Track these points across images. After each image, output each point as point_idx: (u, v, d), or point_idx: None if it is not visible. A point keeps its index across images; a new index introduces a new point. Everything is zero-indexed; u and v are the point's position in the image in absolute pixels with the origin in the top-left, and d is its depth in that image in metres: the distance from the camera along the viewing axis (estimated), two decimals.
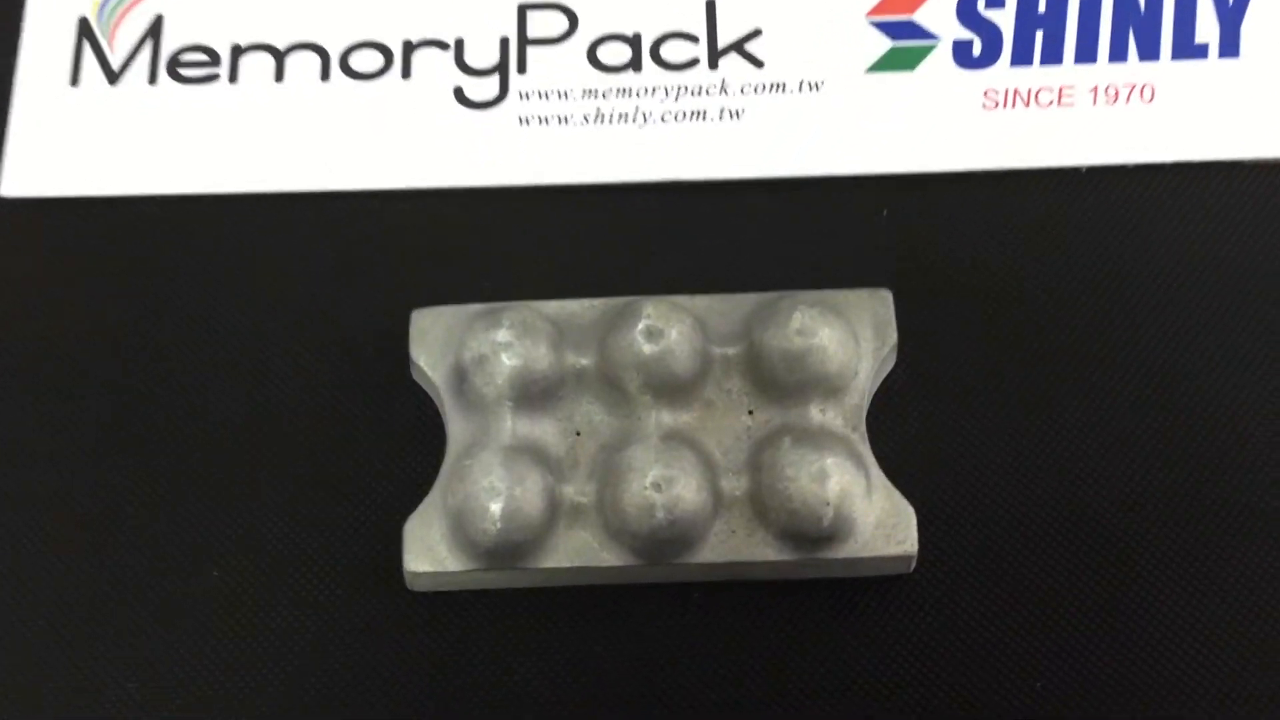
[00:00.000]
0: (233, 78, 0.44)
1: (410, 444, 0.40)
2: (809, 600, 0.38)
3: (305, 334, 0.42)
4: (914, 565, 0.38)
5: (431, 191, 0.43)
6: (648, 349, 0.38)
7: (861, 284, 0.40)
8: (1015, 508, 0.39)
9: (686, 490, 0.37)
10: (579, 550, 0.37)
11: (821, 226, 0.42)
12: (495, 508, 0.36)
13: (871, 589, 0.38)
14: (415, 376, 0.40)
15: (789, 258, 0.42)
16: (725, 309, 0.40)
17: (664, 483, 0.37)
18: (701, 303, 0.40)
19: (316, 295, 0.42)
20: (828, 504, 0.36)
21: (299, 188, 0.43)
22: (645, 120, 0.43)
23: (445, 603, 0.38)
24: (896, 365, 0.41)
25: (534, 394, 0.38)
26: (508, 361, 0.38)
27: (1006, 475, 0.40)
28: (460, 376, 0.39)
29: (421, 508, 0.38)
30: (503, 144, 0.43)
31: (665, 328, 0.38)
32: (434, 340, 0.39)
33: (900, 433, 0.40)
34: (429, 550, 0.37)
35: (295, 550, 0.39)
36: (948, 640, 0.38)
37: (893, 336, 0.39)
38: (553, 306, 0.40)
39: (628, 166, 0.43)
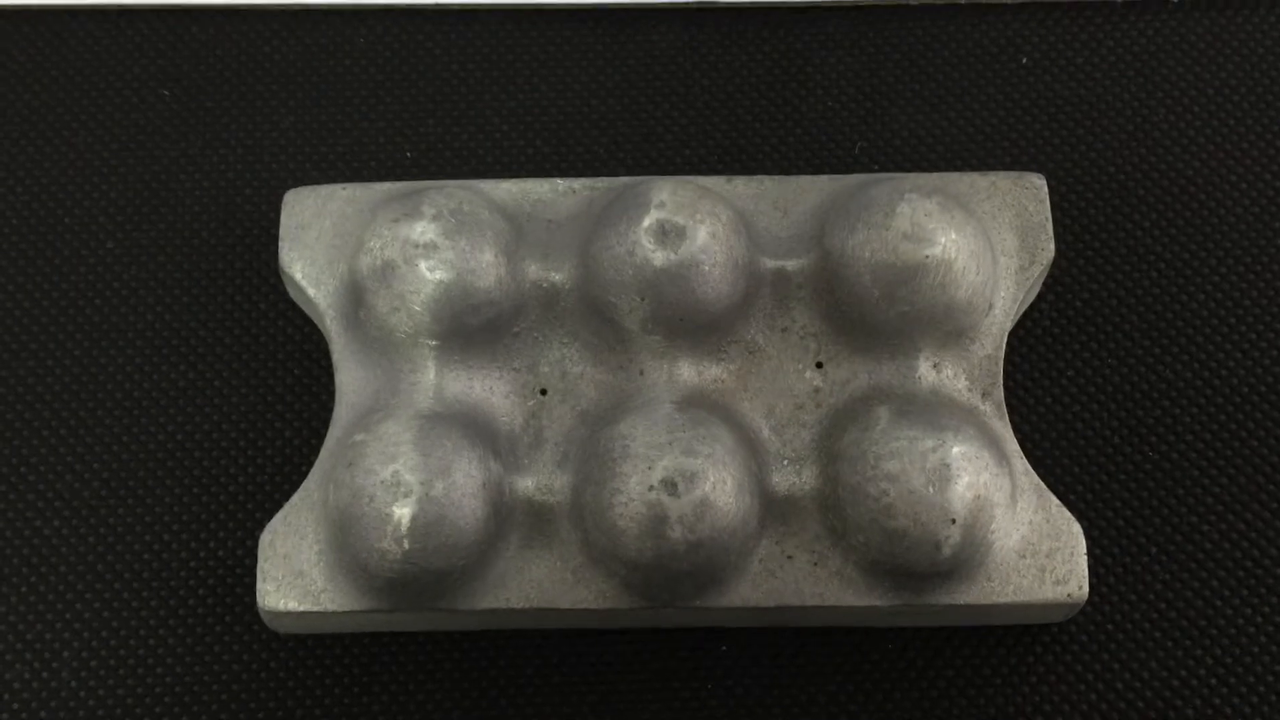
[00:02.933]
0: None
1: (280, 402, 0.26)
2: (907, 657, 0.25)
3: (117, 225, 0.27)
4: (1075, 613, 0.24)
5: (328, 10, 0.28)
6: (659, 259, 0.23)
7: (995, 166, 0.26)
8: (1211, 513, 0.25)
9: (719, 493, 0.22)
10: (540, 585, 0.23)
11: (927, 78, 0.28)
12: (402, 515, 0.22)
13: (1007, 642, 0.25)
14: (292, 294, 0.26)
15: (879, 123, 0.28)
16: (783, 197, 0.25)
17: (681, 480, 0.22)
18: (745, 188, 0.25)
19: (138, 161, 0.28)
20: (953, 522, 0.22)
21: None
22: None
23: (323, 647, 0.25)
24: (1040, 295, 0.27)
25: (472, 329, 0.24)
26: (430, 274, 0.23)
27: (1201, 463, 0.26)
28: (356, 297, 0.24)
29: (286, 510, 0.24)
30: None
31: (688, 224, 0.23)
32: (318, 239, 0.25)
33: (1043, 402, 0.26)
34: (297, 578, 0.23)
35: (100, 564, 0.25)
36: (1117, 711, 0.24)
37: (1048, 249, 0.25)
38: (508, 189, 0.25)
39: None
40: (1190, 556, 0.25)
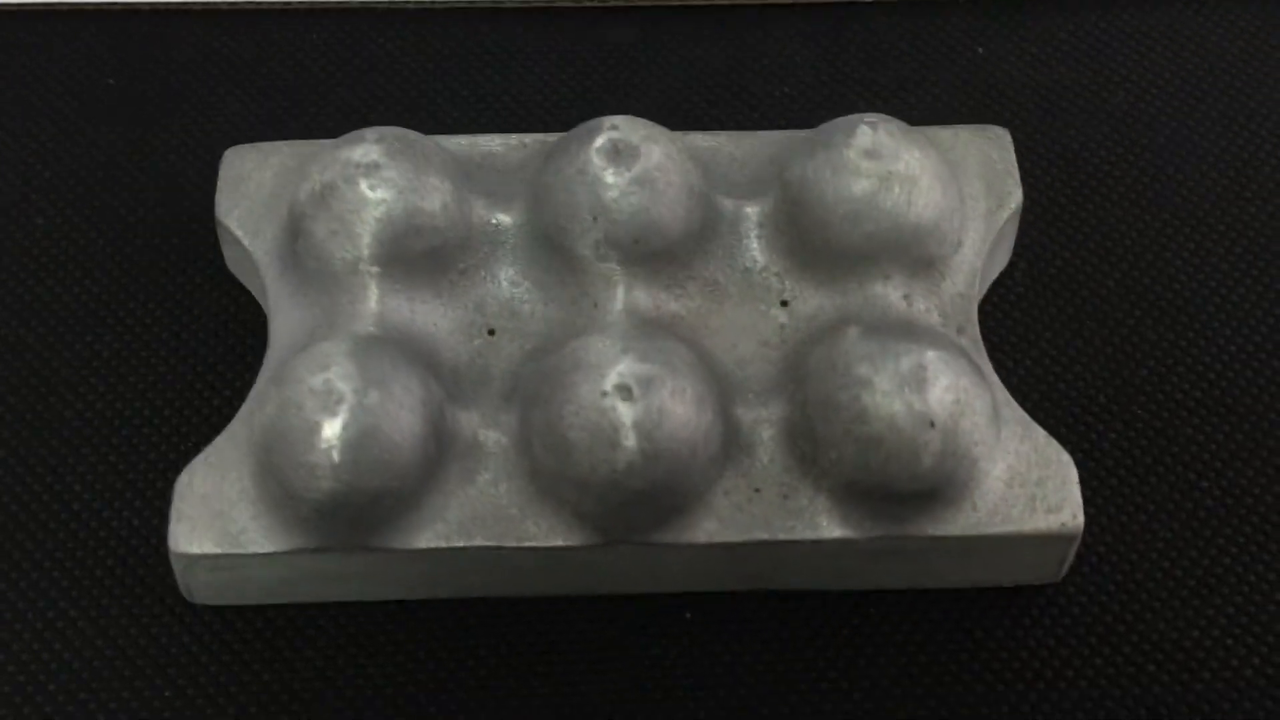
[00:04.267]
0: None
1: (210, 372, 0.24)
2: (890, 623, 0.22)
3: (49, 203, 0.26)
4: (1070, 560, 0.22)
5: (299, 6, 0.29)
6: (612, 177, 0.22)
7: None
8: (1210, 470, 0.24)
9: (677, 401, 0.20)
10: (482, 519, 0.21)
11: (885, 69, 0.28)
12: (333, 425, 0.20)
13: (999, 604, 0.22)
14: (229, 263, 0.25)
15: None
16: (740, 151, 0.25)
17: (638, 384, 0.21)
18: (702, 140, 0.25)
19: (76, 145, 0.27)
20: (931, 425, 0.21)
21: None
22: None
23: (244, 620, 0.22)
24: (1013, 263, 0.26)
25: (416, 256, 0.22)
26: (371, 193, 0.22)
27: (1194, 420, 0.24)
28: (294, 229, 0.23)
29: (207, 451, 0.22)
30: None
31: (641, 145, 0.22)
32: (257, 190, 0.24)
33: (1023, 364, 0.25)
34: (215, 519, 0.21)
35: (8, 539, 0.23)
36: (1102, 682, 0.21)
37: (1016, 194, 0.24)
38: (458, 141, 0.24)
39: None
40: (1191, 515, 0.24)
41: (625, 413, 0.20)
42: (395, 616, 0.23)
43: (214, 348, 0.25)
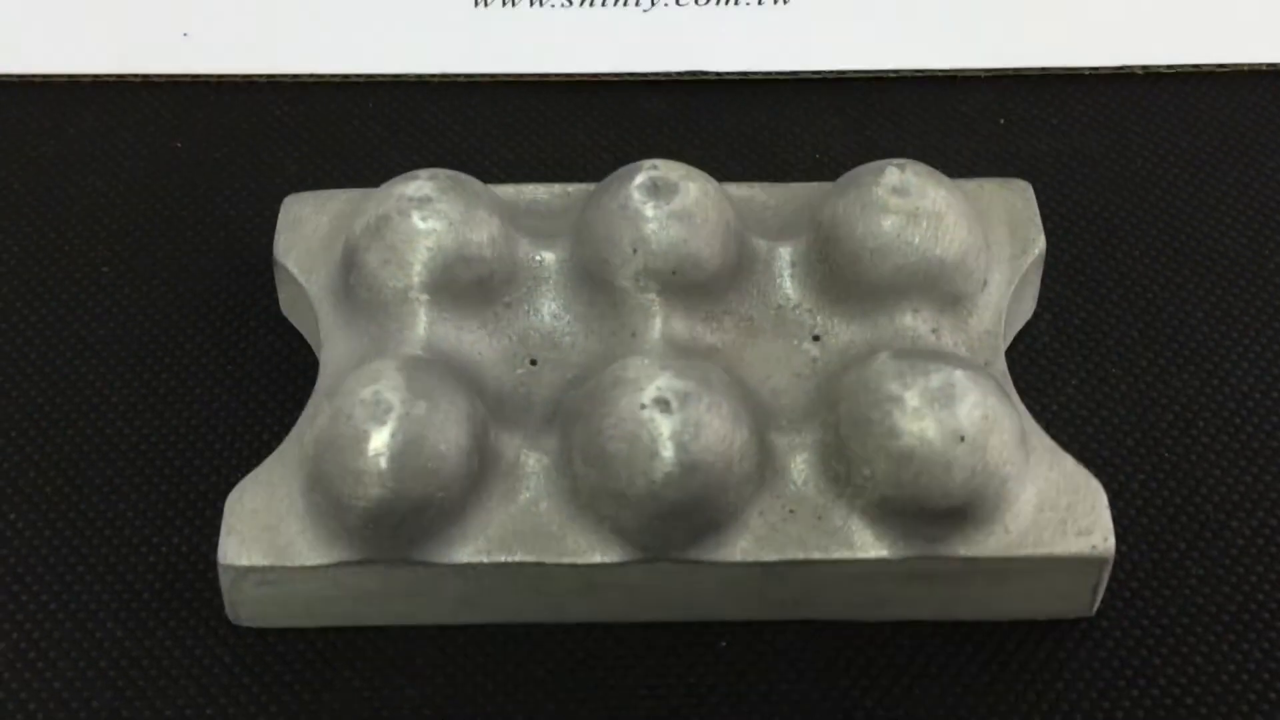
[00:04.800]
0: None
1: (261, 409, 0.25)
2: (924, 654, 0.22)
3: (114, 254, 0.27)
4: (1102, 589, 0.22)
5: (356, 79, 0.30)
6: (652, 210, 0.23)
7: None
8: (1240, 510, 0.24)
9: (714, 415, 0.21)
10: (523, 535, 0.21)
11: (911, 138, 0.29)
12: (380, 435, 0.21)
13: (1034, 637, 0.22)
14: (283, 306, 0.26)
15: None
16: (773, 199, 0.26)
17: (675, 398, 0.21)
18: (736, 190, 0.26)
19: (142, 201, 0.28)
20: (961, 439, 0.21)
21: (150, 70, 0.30)
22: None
23: (285, 642, 0.23)
24: (1038, 314, 0.26)
25: (464, 286, 0.23)
26: (423, 223, 0.23)
27: (1222, 463, 0.24)
28: (348, 262, 0.24)
29: (258, 470, 0.22)
30: (456, 25, 0.31)
31: (680, 181, 0.24)
32: (314, 232, 0.25)
33: (1050, 409, 0.25)
34: (263, 532, 0.22)
35: (60, 563, 0.23)
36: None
37: (1039, 241, 0.25)
38: (505, 189, 0.26)
39: (627, 55, 0.30)
40: (1223, 553, 0.24)
41: (663, 424, 0.21)
42: (435, 641, 0.23)
43: (265, 385, 0.26)
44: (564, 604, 0.22)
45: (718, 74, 0.30)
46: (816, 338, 0.24)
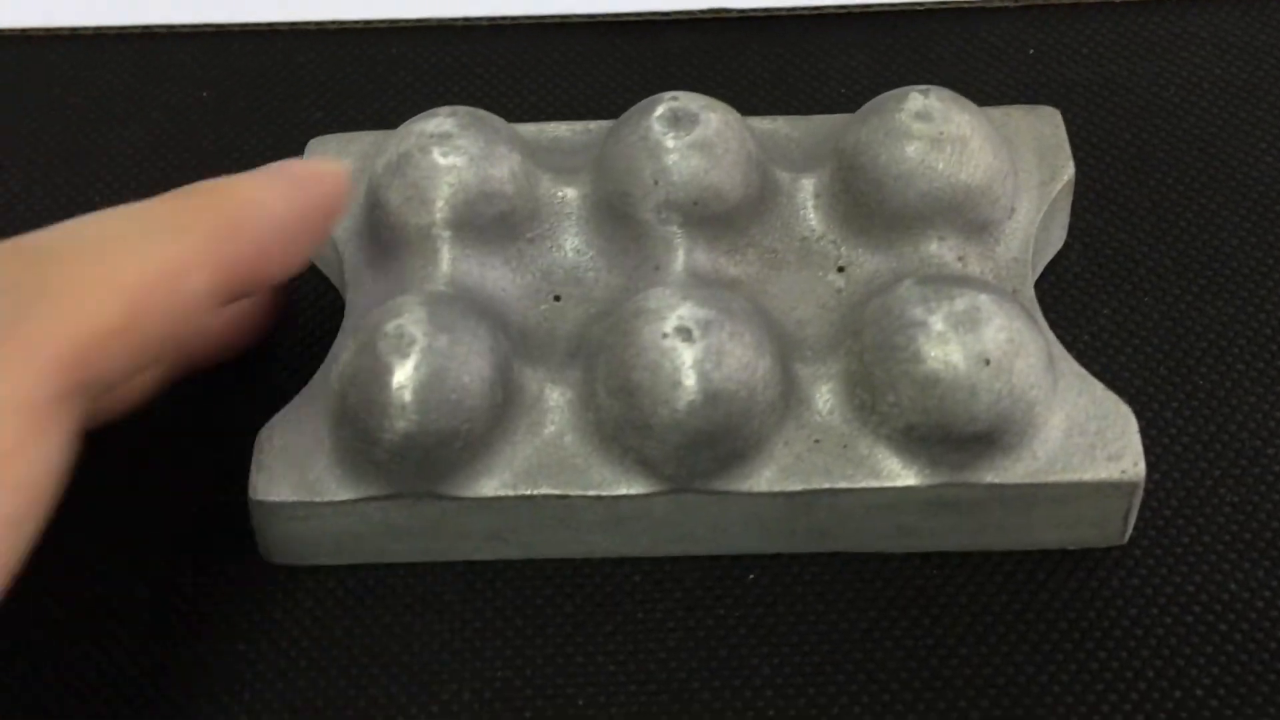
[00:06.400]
0: None
1: (286, 368, 0.25)
2: (954, 585, 0.22)
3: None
4: (1134, 516, 0.22)
5: (379, 25, 0.31)
6: (672, 141, 0.23)
7: None
8: (1276, 438, 0.24)
9: (736, 343, 0.21)
10: (548, 468, 0.22)
11: (939, 70, 0.29)
12: (404, 368, 0.21)
13: (1066, 566, 0.22)
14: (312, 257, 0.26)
15: None
16: (796, 132, 0.25)
17: (697, 326, 0.21)
18: (760, 124, 0.25)
19: (170, 151, 0.29)
20: (986, 363, 0.21)
21: (175, 20, 0.30)
22: None
23: (316, 581, 0.23)
24: (1069, 244, 0.26)
25: (486, 222, 0.23)
26: (444, 159, 0.23)
27: (1258, 389, 0.24)
28: (372, 201, 0.24)
29: (286, 410, 0.23)
30: None
31: (700, 112, 0.24)
32: None
33: (1081, 339, 0.25)
34: (291, 469, 0.22)
35: (107, 503, 0.24)
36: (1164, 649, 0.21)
37: (1068, 167, 0.25)
38: (526, 127, 0.26)
39: None
40: (1258, 479, 0.23)
41: (685, 353, 0.21)
42: (464, 577, 0.23)
43: (292, 330, 0.26)
44: (590, 539, 0.22)
45: (740, 11, 0.30)
46: (841, 269, 0.24)
